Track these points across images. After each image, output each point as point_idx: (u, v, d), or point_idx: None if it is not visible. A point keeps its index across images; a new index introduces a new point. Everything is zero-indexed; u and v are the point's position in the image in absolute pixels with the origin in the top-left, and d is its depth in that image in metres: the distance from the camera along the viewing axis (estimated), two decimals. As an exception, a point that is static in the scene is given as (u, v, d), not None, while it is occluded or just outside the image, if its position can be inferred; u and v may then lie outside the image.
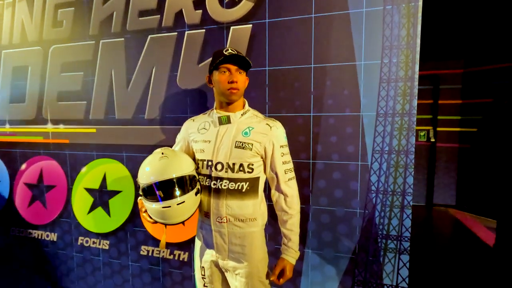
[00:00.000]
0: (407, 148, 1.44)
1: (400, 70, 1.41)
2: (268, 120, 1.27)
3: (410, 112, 1.43)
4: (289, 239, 1.26)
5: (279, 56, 1.59)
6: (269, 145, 1.24)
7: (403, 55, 1.41)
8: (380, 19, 1.42)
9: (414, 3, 1.37)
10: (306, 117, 1.57)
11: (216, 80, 1.23)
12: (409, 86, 1.41)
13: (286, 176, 1.27)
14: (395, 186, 1.48)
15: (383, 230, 1.51)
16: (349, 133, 1.51)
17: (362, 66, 1.47)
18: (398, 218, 1.49)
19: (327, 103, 1.53)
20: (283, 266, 1.24)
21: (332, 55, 1.51)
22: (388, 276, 1.53)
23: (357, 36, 1.46)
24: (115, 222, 2.06)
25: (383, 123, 1.46)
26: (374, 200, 1.51)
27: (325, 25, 1.51)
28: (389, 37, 1.41)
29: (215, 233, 1.26)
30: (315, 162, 1.58)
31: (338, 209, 1.57)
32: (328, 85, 1.53)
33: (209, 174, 1.25)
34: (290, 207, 1.27)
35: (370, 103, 1.47)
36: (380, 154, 1.48)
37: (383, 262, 1.53)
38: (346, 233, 1.57)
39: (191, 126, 1.36)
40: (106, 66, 1.96)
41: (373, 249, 1.53)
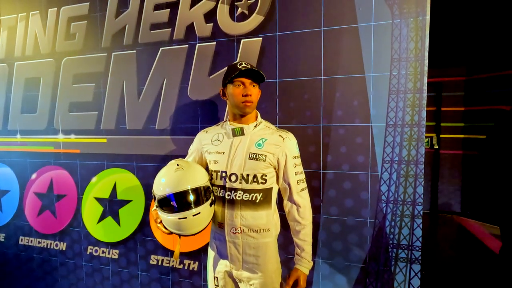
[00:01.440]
0: (417, 158, 1.47)
1: (409, 82, 1.45)
2: (281, 131, 1.30)
3: (419, 122, 1.46)
4: (302, 249, 1.27)
5: (289, 68, 1.62)
6: (282, 156, 1.26)
7: (411, 67, 1.44)
8: (388, 33, 1.46)
9: (422, 17, 1.41)
10: (316, 127, 1.60)
11: (230, 93, 1.26)
12: (417, 98, 1.44)
13: (298, 186, 1.29)
14: (405, 195, 1.49)
15: (393, 240, 1.52)
16: (359, 143, 1.54)
17: (371, 78, 1.50)
18: (409, 227, 1.50)
19: (337, 114, 1.56)
20: (297, 276, 1.25)
21: (342, 67, 1.54)
22: (400, 286, 1.53)
23: (366, 49, 1.50)
24: (125, 231, 2.07)
25: (392, 133, 1.48)
26: (384, 210, 1.52)
27: (334, 38, 1.54)
28: (398, 50, 1.45)
29: (229, 243, 1.28)
30: (325, 172, 1.60)
31: (349, 219, 1.59)
32: (338, 96, 1.56)
33: (223, 185, 1.28)
34: (303, 217, 1.29)
35: (380, 114, 1.50)
36: (390, 164, 1.50)
37: (394, 272, 1.54)
38: (357, 242, 1.58)
39: (205, 137, 1.39)
40: (117, 78, 2.00)
41: (384, 259, 1.54)
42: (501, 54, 3.73)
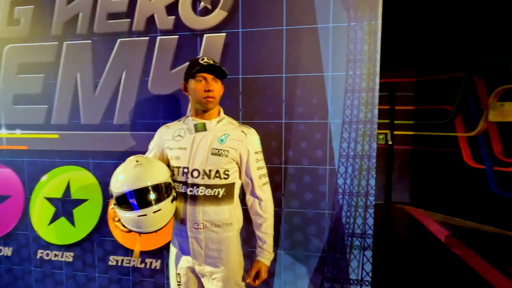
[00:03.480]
0: (370, 152, 1.58)
1: (363, 81, 1.55)
2: (243, 127, 1.32)
3: (372, 120, 1.57)
4: (263, 242, 1.31)
5: (252, 65, 1.64)
6: (244, 152, 1.28)
7: (365, 68, 1.54)
8: (345, 34, 1.55)
9: (375, 22, 1.51)
10: (278, 123, 1.64)
11: (192, 88, 1.25)
12: (370, 96, 1.55)
13: (260, 181, 1.32)
14: (359, 188, 1.60)
15: (349, 229, 1.63)
16: (318, 139, 1.61)
17: (329, 77, 1.58)
18: (362, 217, 1.62)
19: (298, 110, 1.62)
20: (258, 268, 1.29)
21: (302, 66, 1.60)
22: (354, 272, 1.65)
23: (325, 49, 1.57)
24: (80, 232, 1.96)
25: (348, 129, 1.58)
26: (341, 202, 1.62)
27: (295, 37, 1.60)
28: (353, 51, 1.54)
29: (191, 239, 1.28)
30: (286, 167, 1.66)
31: (309, 211, 1.67)
32: (299, 94, 1.62)
33: (185, 181, 1.27)
34: (265, 211, 1.32)
35: (337, 111, 1.59)
36: (346, 159, 1.60)
37: (350, 259, 1.65)
38: (316, 233, 1.67)
39: (166, 133, 1.36)
40: (70, 69, 1.86)
41: (341, 247, 1.65)
42: (447, 58, 4.12)
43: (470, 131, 3.91)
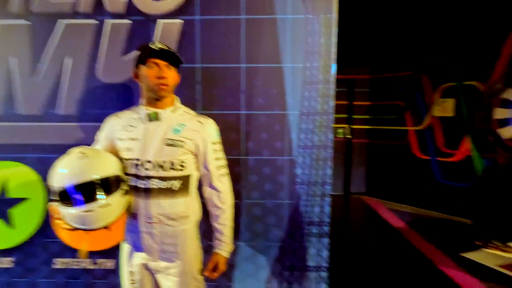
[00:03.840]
0: (326, 143, 1.63)
1: (320, 73, 1.59)
2: (200, 117, 1.28)
3: (328, 111, 1.62)
4: (221, 234, 1.29)
5: (211, 55, 1.60)
6: (201, 142, 1.24)
7: (322, 60, 1.58)
8: (303, 27, 1.57)
9: (330, 15, 1.55)
10: (238, 115, 1.62)
11: (143, 75, 1.18)
12: (327, 89, 1.60)
13: (218, 172, 1.29)
14: (317, 177, 1.65)
15: (307, 218, 1.68)
16: (277, 130, 1.63)
17: (288, 69, 1.59)
18: (320, 206, 1.67)
19: (257, 101, 1.61)
20: (216, 260, 1.27)
21: (261, 57, 1.59)
22: (312, 259, 1.70)
23: (283, 40, 1.58)
24: (20, 234, 1.77)
25: (306, 121, 1.61)
26: (299, 191, 1.66)
27: (254, 27, 1.58)
28: (311, 43, 1.57)
29: (144, 234, 1.21)
30: (246, 158, 1.65)
31: (268, 201, 1.68)
32: (258, 84, 1.61)
33: (137, 174, 1.20)
34: (224, 202, 1.30)
35: (295, 103, 1.61)
36: (304, 149, 1.63)
37: (308, 247, 1.70)
38: (276, 223, 1.69)
39: (116, 123, 1.27)
40: (3, 52, 1.65)
41: (299, 236, 1.69)
42: (397, 57, 4.41)
43: (417, 125, 4.25)
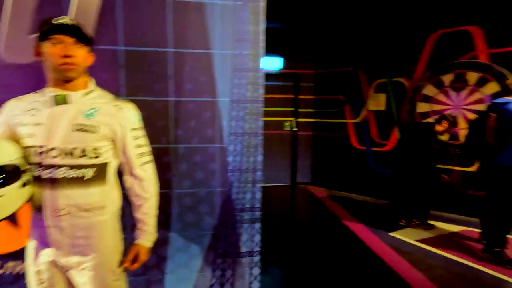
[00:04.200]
0: (257, 130, 1.66)
1: (249, 61, 1.60)
2: (118, 101, 1.20)
3: (258, 99, 1.65)
4: (143, 223, 1.23)
5: (135, 36, 1.51)
6: (118, 128, 1.17)
7: (251, 48, 1.59)
8: (232, 13, 1.56)
9: (258, 3, 1.57)
10: (166, 101, 1.57)
11: (46, 52, 1.06)
12: (256, 76, 1.62)
13: (140, 160, 1.23)
14: (248, 164, 1.68)
15: (239, 205, 1.70)
16: (207, 117, 1.61)
17: (217, 55, 1.58)
18: (251, 192, 1.70)
19: (186, 88, 1.57)
20: (136, 250, 1.22)
21: (190, 42, 1.55)
22: (244, 244, 1.73)
23: (212, 26, 1.56)
24: None
25: (236, 108, 1.62)
26: (231, 179, 1.67)
27: (182, 10, 1.53)
28: (240, 30, 1.57)
29: (51, 229, 1.11)
30: (176, 147, 1.61)
31: (200, 190, 1.66)
32: (187, 70, 1.57)
33: (41, 162, 1.08)
34: (147, 191, 1.24)
35: (225, 90, 1.61)
36: (235, 136, 1.64)
37: (240, 233, 1.72)
38: (208, 211, 1.68)
39: (16, 107, 1.13)
40: None
41: (232, 223, 1.71)
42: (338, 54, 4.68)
43: (355, 118, 4.57)
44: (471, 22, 3.50)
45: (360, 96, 4.50)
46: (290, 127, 5.12)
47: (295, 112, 5.09)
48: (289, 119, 5.11)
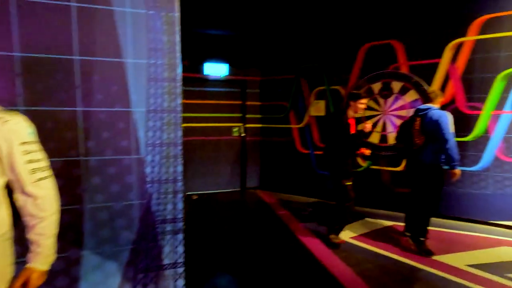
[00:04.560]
0: (175, 140, 1.65)
1: (165, 71, 1.59)
2: (4, 113, 1.10)
3: (175, 109, 1.64)
4: (37, 245, 1.14)
5: (33, 43, 1.40)
6: (3, 143, 1.07)
7: (166, 58, 1.58)
8: (144, 22, 1.53)
9: (172, 14, 1.57)
10: (73, 112, 1.48)
11: None
12: (173, 86, 1.61)
13: (33, 176, 1.14)
14: (167, 175, 1.65)
15: (160, 216, 1.66)
16: (121, 128, 1.55)
17: (130, 64, 1.54)
18: (172, 203, 1.68)
19: (96, 97, 1.51)
20: (27, 275, 1.12)
21: (99, 50, 1.49)
22: (167, 256, 1.70)
23: (124, 34, 1.51)
24: None
25: (153, 118, 1.59)
26: (150, 190, 1.63)
27: (89, 16, 1.46)
28: (153, 40, 1.55)
29: None
30: (87, 159, 1.52)
31: (116, 204, 1.59)
32: (97, 79, 1.50)
33: None
34: (43, 209, 1.15)
35: (140, 100, 1.57)
36: (153, 147, 1.61)
37: (163, 245, 1.68)
38: (126, 225, 1.61)
39: None
40: None
41: (153, 235, 1.66)
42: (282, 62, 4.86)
43: (299, 123, 4.77)
44: (393, 36, 3.89)
45: (302, 103, 4.71)
46: (238, 132, 5.16)
47: (242, 118, 5.15)
48: (237, 124, 5.16)
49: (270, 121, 5.08)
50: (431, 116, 2.75)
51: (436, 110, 2.76)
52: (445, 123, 2.66)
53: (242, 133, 5.16)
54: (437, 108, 2.81)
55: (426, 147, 2.80)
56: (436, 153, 2.76)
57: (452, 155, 2.67)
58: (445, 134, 2.65)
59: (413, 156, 2.93)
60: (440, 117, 2.68)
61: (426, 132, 2.79)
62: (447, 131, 2.65)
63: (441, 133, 2.66)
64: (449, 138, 2.64)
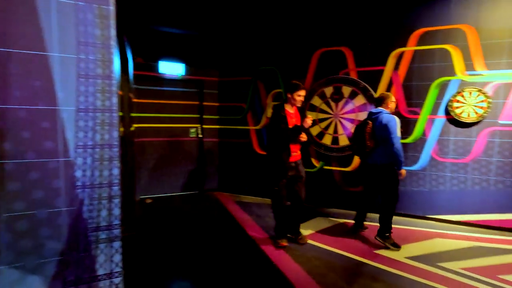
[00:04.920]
0: (111, 142, 1.54)
1: (98, 67, 1.48)
2: None
3: (111, 108, 1.53)
4: None
5: None
6: None
7: (99, 53, 1.47)
8: (73, 13, 1.41)
9: (106, 7, 1.47)
10: (-15, 109, 1.31)
11: None
12: (107, 84, 1.51)
13: None
14: (101, 179, 1.54)
15: (93, 224, 1.54)
16: (45, 128, 1.41)
17: (56, 58, 1.41)
18: (107, 209, 1.57)
19: (14, 94, 1.35)
20: None
21: (17, 41, 1.34)
22: (102, 267, 1.58)
23: (48, 26, 1.38)
24: None
25: (84, 118, 1.47)
26: (80, 196, 1.50)
27: (4, 2, 1.31)
28: (84, 33, 1.44)
29: None
30: (3, 163, 1.36)
31: (40, 212, 1.44)
32: (14, 73, 1.35)
33: None
34: None
35: (68, 98, 1.44)
36: (84, 149, 1.49)
37: (96, 255, 1.56)
38: (51, 235, 1.47)
39: None
40: None
41: (84, 245, 1.53)
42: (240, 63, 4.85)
43: (256, 124, 4.81)
44: (344, 43, 4.10)
45: (260, 104, 4.75)
46: (196, 133, 5.05)
47: (200, 119, 5.05)
48: (195, 125, 5.04)
49: (229, 122, 5.05)
50: (381, 120, 2.92)
51: (385, 114, 2.93)
52: (392, 127, 2.84)
53: (200, 134, 5.06)
54: (388, 112, 2.99)
55: (377, 149, 2.98)
56: (387, 155, 2.92)
57: (397, 158, 2.85)
58: (392, 138, 2.82)
59: (366, 157, 3.10)
60: (389, 122, 2.85)
61: (376, 135, 2.96)
62: (394, 135, 2.83)
63: (388, 137, 2.84)
64: (395, 142, 2.82)
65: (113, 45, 1.49)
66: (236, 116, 4.96)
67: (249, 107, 4.84)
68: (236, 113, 4.96)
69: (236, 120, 4.96)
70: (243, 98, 4.87)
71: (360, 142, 3.09)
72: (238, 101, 4.93)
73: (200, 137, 5.07)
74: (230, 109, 5.01)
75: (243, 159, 4.95)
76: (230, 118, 5.02)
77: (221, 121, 5.11)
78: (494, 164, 3.48)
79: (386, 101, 3.04)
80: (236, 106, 4.96)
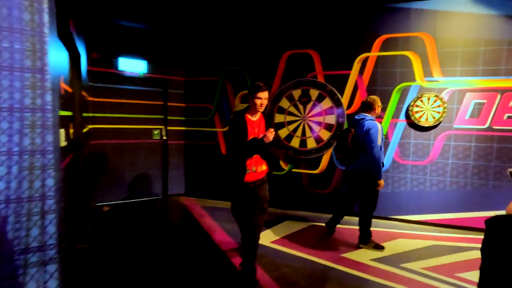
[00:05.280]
0: (44, 147, 1.31)
1: (27, 59, 1.24)
2: None
3: (44, 107, 1.30)
4: None
5: None
6: None
7: (29, 42, 1.24)
8: (-8, -8, 1.17)
9: (37, -13, 1.24)
10: None
11: None
12: (39, 79, 1.27)
13: None
14: (31, 191, 1.30)
15: (20, 245, 1.29)
16: (-46, 131, 1.15)
17: (-30, 46, 1.15)
18: (40, 226, 1.33)
19: None
20: None
21: None
22: (33, 295, 1.33)
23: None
24: None
25: (8, 119, 1.23)
26: (4, 212, 1.25)
27: None
28: (7, 17, 1.20)
29: None
30: None
31: None
32: None
33: None
34: None
35: (-14, 94, 1.19)
36: (8, 156, 1.24)
37: (25, 281, 1.32)
38: (-37, 262, 1.20)
39: None
40: None
41: (9, 271, 1.28)
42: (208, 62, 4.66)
43: (224, 126, 4.65)
44: (312, 47, 4.09)
45: (227, 106, 4.60)
46: (159, 135, 4.76)
47: (164, 120, 4.77)
48: (158, 127, 4.75)
49: (195, 124, 4.83)
50: (363, 126, 2.83)
51: (368, 121, 2.83)
52: (373, 134, 2.74)
53: (164, 136, 4.78)
54: (372, 118, 2.89)
55: (360, 155, 2.88)
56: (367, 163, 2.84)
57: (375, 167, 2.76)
58: (372, 147, 2.73)
59: (347, 163, 3.04)
60: (370, 129, 2.76)
61: (358, 141, 2.88)
62: (375, 144, 2.73)
63: (368, 145, 2.76)
64: (373, 152, 2.72)
65: (47, 34, 1.26)
66: (203, 118, 4.76)
67: (216, 108, 4.66)
68: (203, 115, 4.76)
69: (203, 121, 4.76)
70: (210, 99, 4.69)
71: (344, 150, 3.00)
72: (205, 102, 4.74)
73: (164, 139, 4.78)
74: (197, 110, 4.80)
75: (211, 162, 4.76)
76: (197, 120, 4.80)
77: (187, 123, 4.87)
78: (449, 166, 3.67)
79: (373, 106, 2.92)
80: (203, 107, 4.76)
